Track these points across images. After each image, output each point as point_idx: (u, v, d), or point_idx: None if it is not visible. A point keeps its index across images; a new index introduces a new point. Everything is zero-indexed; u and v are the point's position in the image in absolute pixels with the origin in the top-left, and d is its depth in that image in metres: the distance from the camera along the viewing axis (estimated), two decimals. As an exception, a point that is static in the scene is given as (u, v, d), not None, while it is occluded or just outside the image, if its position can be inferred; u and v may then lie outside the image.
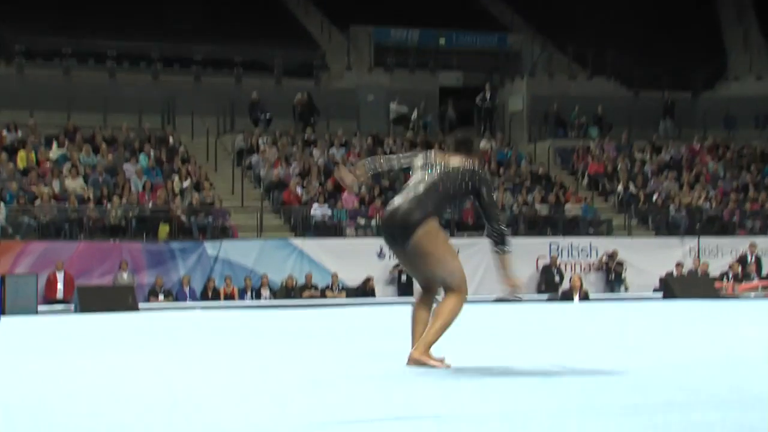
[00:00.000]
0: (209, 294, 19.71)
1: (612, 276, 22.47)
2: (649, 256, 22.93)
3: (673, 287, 18.08)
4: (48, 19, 27.09)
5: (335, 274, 20.51)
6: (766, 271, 22.88)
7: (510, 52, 31.83)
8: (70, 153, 22.55)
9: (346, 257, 20.68)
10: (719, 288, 19.51)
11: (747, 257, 22.72)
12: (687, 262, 22.58)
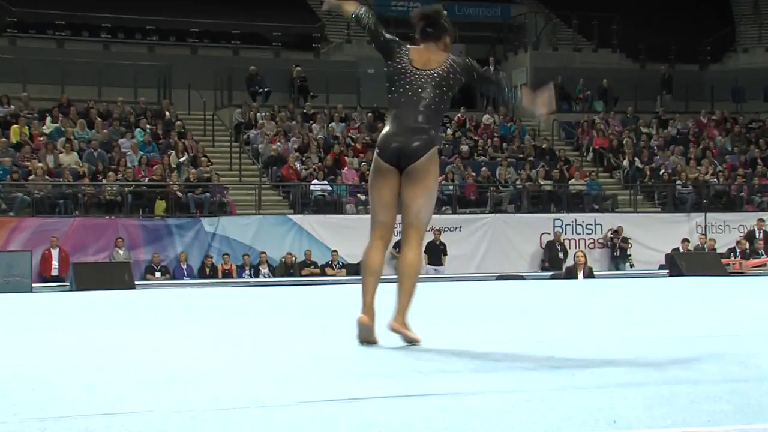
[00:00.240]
0: (207, 271, 19.75)
1: (617, 252, 22.50)
2: (655, 232, 22.97)
3: (680, 264, 18.10)
4: (41, -9, 26.97)
5: (335, 251, 20.55)
6: (774, 248, 22.90)
7: (513, 24, 31.72)
8: (64, 127, 22.53)
9: (346, 234, 20.72)
10: (726, 264, 19.53)
11: (755, 233, 22.75)
12: (693, 238, 22.60)
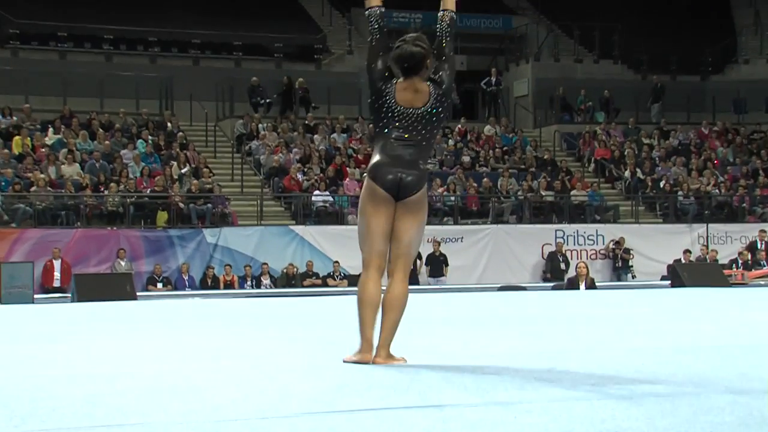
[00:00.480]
0: (209, 282, 19.75)
1: (619, 263, 22.48)
2: (657, 243, 22.95)
3: (681, 275, 18.07)
4: (43, 2, 27.05)
5: (337, 261, 20.55)
6: (775, 258, 22.87)
7: (515, 35, 31.76)
8: (66, 138, 22.56)
9: (347, 245, 20.67)
10: (728, 275, 19.50)
11: (757, 244, 22.73)
12: (695, 249, 22.58)
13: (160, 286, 19.45)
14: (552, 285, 19.66)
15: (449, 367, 4.99)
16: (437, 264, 21.26)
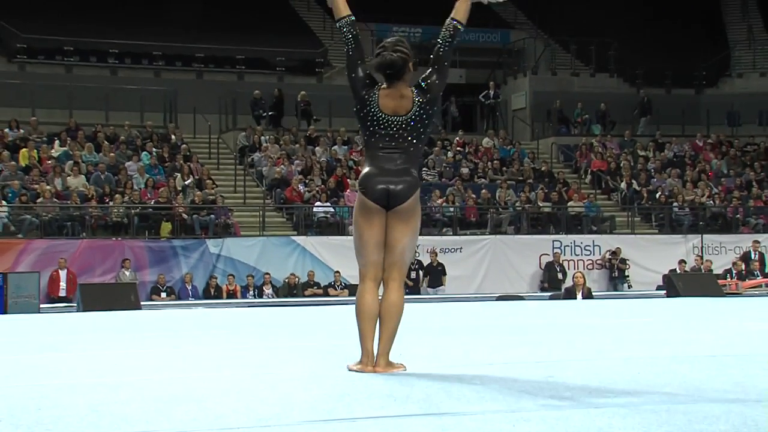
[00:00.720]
0: (212, 292, 19.73)
1: (615, 273, 22.48)
2: (653, 253, 22.94)
3: (677, 285, 18.06)
4: (50, 17, 27.10)
5: (338, 271, 20.53)
6: (769, 268, 22.88)
7: (513, 49, 31.82)
8: (72, 151, 22.58)
9: (348, 255, 20.51)
10: (723, 285, 19.49)
11: (750, 254, 22.73)
12: (690, 259, 22.57)
13: (163, 295, 19.44)
14: (549, 295, 19.65)
15: (448, 376, 4.98)
16: (436, 274, 21.25)
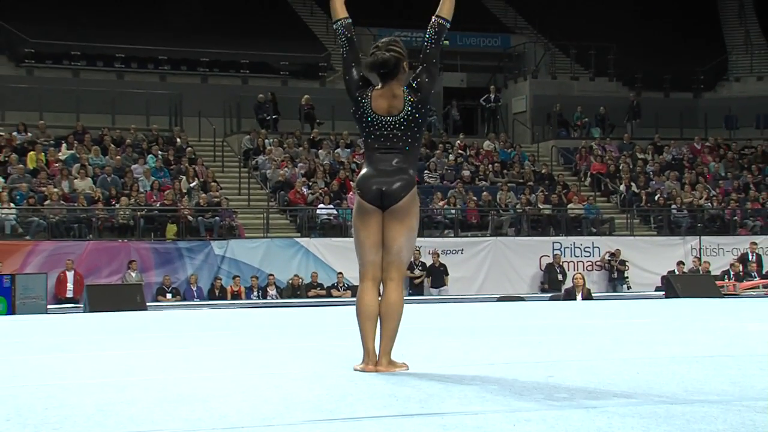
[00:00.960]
0: (216, 293, 19.73)
1: (614, 275, 22.46)
2: (651, 255, 22.92)
3: (675, 286, 18.03)
4: (58, 23, 27.13)
5: (341, 273, 20.53)
6: (766, 270, 22.84)
7: (513, 53, 31.82)
8: (79, 154, 22.60)
9: (351, 256, 20.45)
10: (720, 286, 19.45)
11: (748, 256, 22.70)
12: (688, 261, 22.55)
13: (169, 296, 19.44)
14: (549, 296, 19.63)
15: (450, 376, 4.97)
16: (438, 274, 21.25)
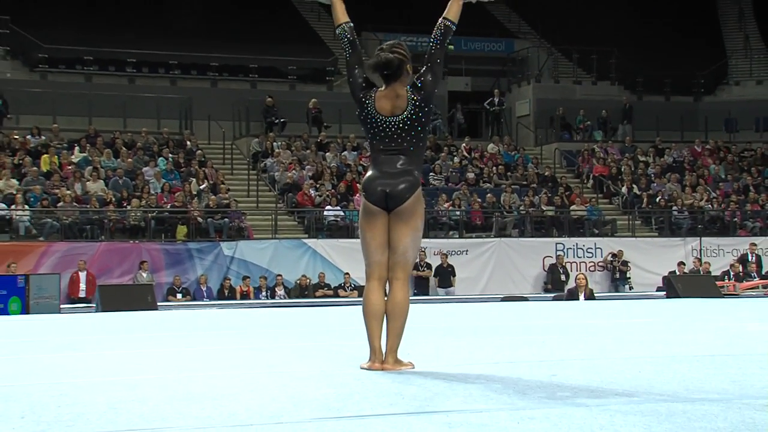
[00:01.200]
0: (226, 293, 19.74)
1: (617, 275, 22.43)
2: (653, 256, 22.89)
3: (676, 286, 18.00)
4: (70, 28, 27.19)
5: (347, 273, 20.53)
6: (766, 270, 22.80)
7: (517, 57, 31.82)
8: (91, 156, 22.64)
9: (357, 257, 20.42)
10: (721, 287, 19.42)
11: (748, 257, 22.65)
12: (689, 261, 22.51)
13: (179, 296, 19.46)
14: (553, 296, 19.61)
15: (454, 375, 4.97)
16: (445, 275, 21.25)
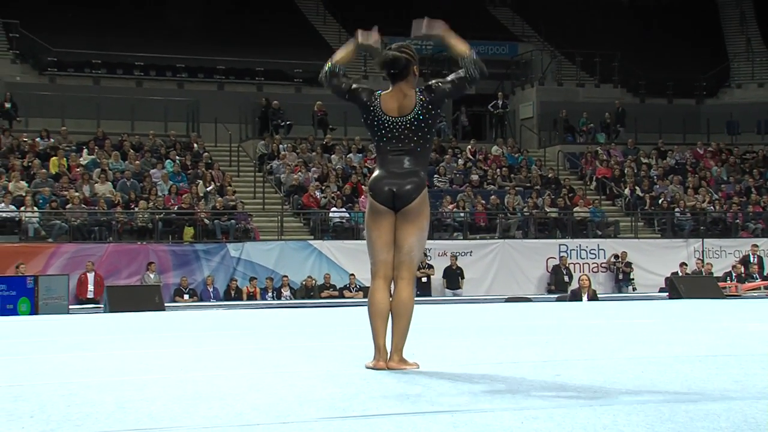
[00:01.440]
0: (232, 294, 19.77)
1: (620, 276, 22.42)
2: (655, 257, 22.87)
3: (679, 287, 17.98)
4: (79, 32, 27.26)
5: (353, 274, 20.54)
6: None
7: (520, 60, 31.81)
8: (99, 159, 22.68)
9: (363, 258, 20.47)
10: (723, 288, 19.39)
11: (749, 258, 22.63)
12: (691, 263, 22.49)
13: (186, 297, 19.48)
14: (556, 297, 19.60)
15: (459, 375, 4.97)
16: (454, 277, 21.25)
